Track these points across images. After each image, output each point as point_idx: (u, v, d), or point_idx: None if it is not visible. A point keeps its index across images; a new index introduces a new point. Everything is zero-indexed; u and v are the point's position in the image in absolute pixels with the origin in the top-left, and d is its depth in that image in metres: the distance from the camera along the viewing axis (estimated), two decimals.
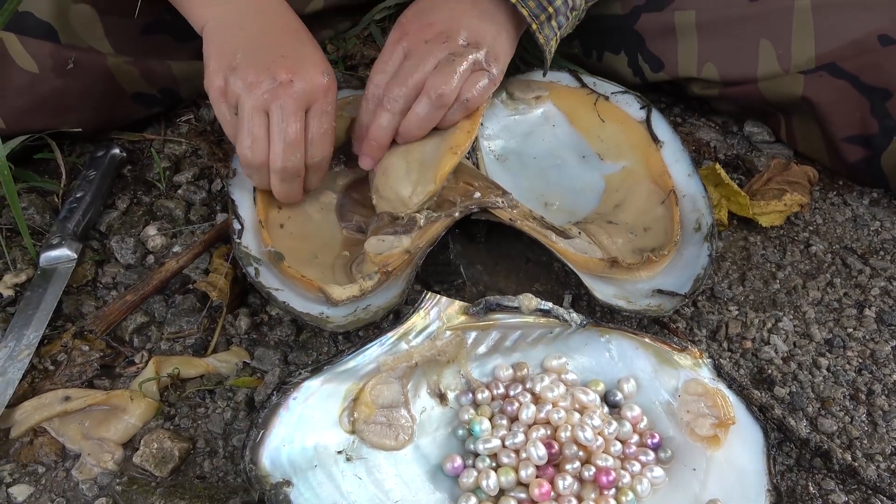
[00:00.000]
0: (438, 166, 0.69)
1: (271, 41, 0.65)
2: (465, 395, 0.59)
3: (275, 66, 0.63)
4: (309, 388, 0.54)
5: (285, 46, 0.65)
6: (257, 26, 0.66)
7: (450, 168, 0.69)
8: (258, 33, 0.66)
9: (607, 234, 0.72)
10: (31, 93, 0.72)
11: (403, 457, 0.55)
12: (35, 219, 0.74)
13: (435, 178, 0.68)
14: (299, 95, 0.63)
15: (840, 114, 0.78)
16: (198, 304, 0.68)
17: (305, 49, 0.66)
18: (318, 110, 0.65)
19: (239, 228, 0.68)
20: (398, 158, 0.70)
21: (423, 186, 0.68)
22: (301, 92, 0.63)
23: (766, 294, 0.73)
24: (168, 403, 0.62)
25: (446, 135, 0.71)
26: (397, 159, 0.70)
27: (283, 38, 0.66)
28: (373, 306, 0.63)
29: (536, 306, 0.60)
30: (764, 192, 0.79)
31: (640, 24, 0.84)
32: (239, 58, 0.63)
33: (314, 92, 0.64)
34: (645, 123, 0.80)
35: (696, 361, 0.61)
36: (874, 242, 0.79)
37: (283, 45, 0.65)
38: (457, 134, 0.70)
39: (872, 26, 0.75)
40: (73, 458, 0.58)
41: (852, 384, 0.66)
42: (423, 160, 0.70)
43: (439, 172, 0.68)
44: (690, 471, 0.56)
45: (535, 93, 0.82)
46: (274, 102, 0.62)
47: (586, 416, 0.57)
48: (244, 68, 0.63)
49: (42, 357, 0.64)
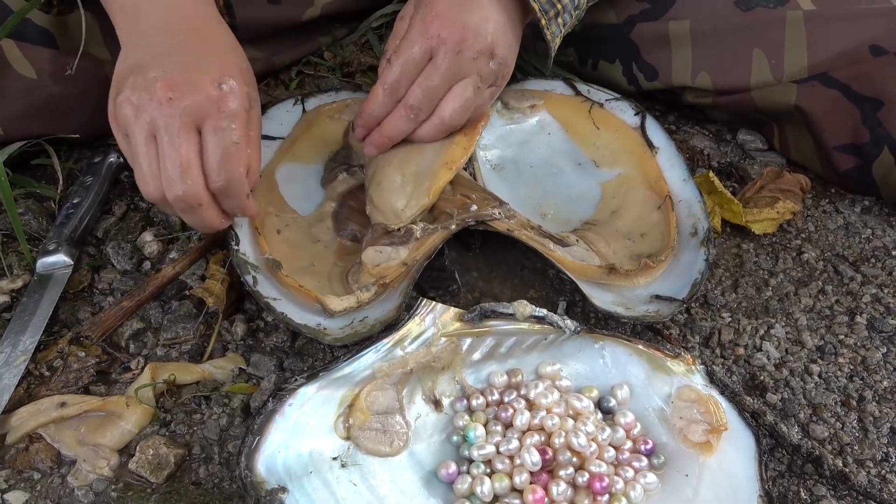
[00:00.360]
0: (433, 181, 0.69)
1: (165, 55, 0.59)
2: (459, 402, 0.60)
3: (154, 84, 0.56)
4: (304, 395, 0.55)
5: (176, 61, 0.58)
6: (155, 39, 0.61)
7: (444, 183, 0.70)
8: (154, 48, 0.60)
9: (605, 241, 0.73)
10: (29, 99, 0.73)
11: (398, 463, 0.56)
12: (32, 224, 0.74)
13: (429, 192, 0.69)
14: (182, 113, 0.56)
15: (832, 123, 0.79)
16: (194, 311, 0.68)
17: (202, 60, 0.59)
18: (211, 127, 0.57)
19: (236, 236, 0.68)
20: (393, 170, 0.70)
21: (416, 200, 0.69)
22: (184, 109, 0.56)
23: (759, 301, 0.74)
24: (164, 409, 0.62)
25: (442, 148, 0.71)
26: (392, 171, 0.70)
27: (180, 48, 0.60)
28: (370, 319, 0.63)
29: (531, 313, 0.61)
30: (757, 199, 0.80)
31: (635, 33, 0.85)
32: (128, 80, 0.58)
33: (201, 106, 0.56)
34: (640, 130, 0.80)
35: (688, 368, 0.61)
36: (866, 250, 0.79)
37: (175, 60, 0.58)
38: (453, 149, 0.71)
39: (863, 37, 0.76)
40: (69, 464, 0.58)
41: (843, 391, 0.66)
42: (419, 173, 0.70)
43: (433, 187, 0.69)
44: (683, 477, 0.57)
45: (529, 102, 0.83)
46: (158, 125, 0.56)
47: (580, 422, 0.57)
48: (126, 92, 0.57)
49: (38, 363, 0.64)
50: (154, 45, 0.60)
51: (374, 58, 0.97)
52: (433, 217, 0.70)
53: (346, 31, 0.98)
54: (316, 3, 0.90)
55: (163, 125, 0.56)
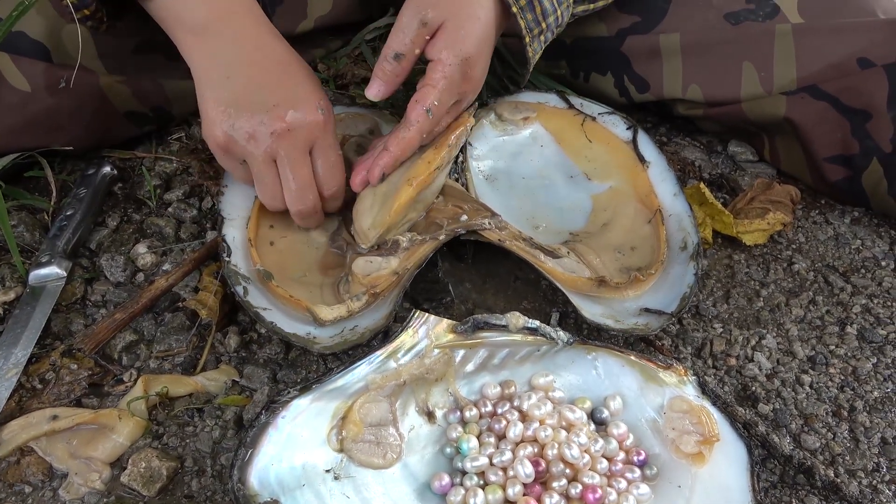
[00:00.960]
0: (395, 198, 0.68)
1: (262, 87, 0.65)
2: (453, 413, 0.60)
3: (269, 117, 0.64)
4: (297, 407, 0.55)
5: (276, 91, 0.65)
6: (245, 70, 0.66)
7: (406, 199, 0.67)
8: (247, 80, 0.66)
9: (595, 254, 0.73)
10: (23, 112, 0.73)
11: (391, 475, 0.56)
12: (25, 236, 0.74)
13: (390, 210, 0.68)
14: (299, 141, 0.65)
15: (821, 134, 0.80)
16: (187, 323, 0.68)
17: (297, 86, 0.67)
18: (322, 147, 0.67)
19: (228, 248, 0.68)
20: (368, 191, 0.70)
21: (380, 218, 0.68)
22: (300, 137, 0.65)
23: (750, 312, 0.74)
24: (156, 422, 0.62)
25: (409, 165, 0.70)
26: (367, 192, 0.70)
27: (272, 79, 0.66)
28: (360, 327, 0.64)
29: (524, 324, 0.61)
30: (748, 210, 0.80)
31: (626, 46, 0.86)
32: (233, 113, 0.65)
33: (312, 132, 0.66)
34: (631, 144, 0.81)
35: (680, 379, 0.61)
36: (856, 261, 0.80)
37: (274, 89, 0.66)
38: (417, 165, 0.69)
39: (851, 50, 0.77)
40: (61, 477, 0.58)
41: (835, 401, 0.67)
42: (387, 192, 0.69)
43: (395, 205, 0.67)
44: (676, 488, 0.57)
45: (523, 114, 0.84)
46: (277, 153, 0.65)
47: (573, 433, 0.57)
48: (241, 124, 0.64)
49: (30, 376, 0.64)
50: (249, 76, 0.66)
51: (368, 70, 0.97)
52: (424, 227, 0.70)
53: (340, 43, 0.99)
54: (310, 16, 0.90)
55: (283, 154, 0.65)
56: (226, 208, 0.72)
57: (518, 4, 0.70)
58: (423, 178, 0.68)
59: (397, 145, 0.68)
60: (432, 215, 0.71)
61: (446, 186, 0.74)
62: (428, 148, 0.71)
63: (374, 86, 0.68)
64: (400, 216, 0.69)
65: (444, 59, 0.66)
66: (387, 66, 0.67)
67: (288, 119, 0.64)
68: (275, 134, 0.64)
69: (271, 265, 0.68)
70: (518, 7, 0.70)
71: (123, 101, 0.78)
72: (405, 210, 0.69)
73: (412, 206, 0.69)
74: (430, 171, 0.68)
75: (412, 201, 0.69)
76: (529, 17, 0.71)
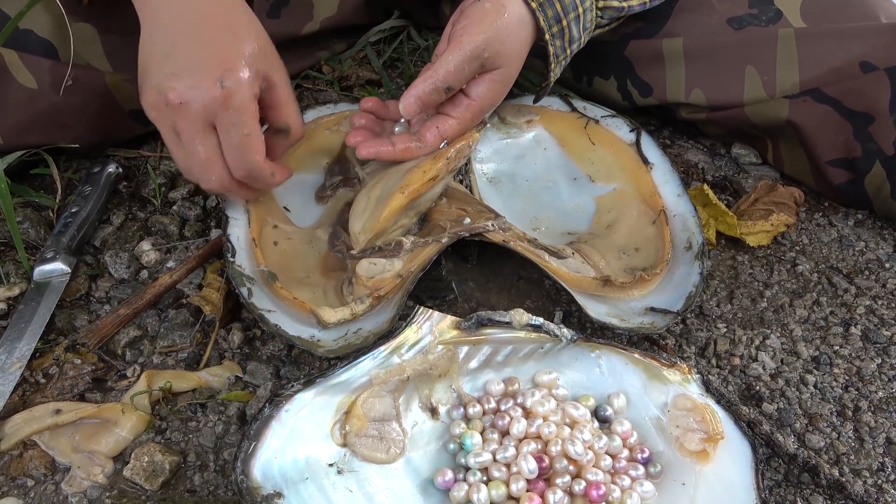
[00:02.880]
0: (386, 204, 0.68)
1: (174, 48, 0.60)
2: (456, 410, 0.60)
3: (165, 86, 0.59)
4: (301, 401, 0.55)
5: (186, 54, 0.60)
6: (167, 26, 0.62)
7: (397, 206, 0.67)
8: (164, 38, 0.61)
9: (599, 254, 0.73)
10: (30, 109, 0.73)
11: (394, 470, 0.55)
12: (30, 233, 0.74)
13: (379, 216, 0.67)
14: (193, 118, 0.60)
15: (824, 137, 0.80)
16: (191, 319, 0.68)
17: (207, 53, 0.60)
18: (223, 125, 0.60)
19: (232, 248, 0.68)
20: (363, 194, 0.70)
21: (370, 223, 0.68)
22: (192, 112, 0.59)
23: (754, 312, 0.74)
24: (159, 417, 0.62)
25: (405, 173, 0.69)
26: (363, 194, 0.70)
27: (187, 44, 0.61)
28: (364, 330, 0.63)
29: (528, 321, 0.61)
30: (751, 212, 0.81)
31: (630, 50, 0.87)
32: (143, 74, 0.61)
33: (208, 108, 0.59)
34: (635, 146, 0.81)
35: (685, 377, 0.61)
36: (859, 262, 0.80)
37: (185, 51, 0.60)
38: (413, 173, 0.68)
39: (854, 54, 0.77)
40: (63, 471, 0.58)
41: (839, 401, 0.67)
42: (381, 197, 0.69)
43: (385, 211, 0.67)
44: (680, 485, 0.57)
45: (526, 117, 0.84)
46: (178, 127, 0.61)
47: (577, 430, 0.57)
48: (146, 94, 0.61)
49: (34, 370, 0.64)
50: (166, 38, 0.62)
51: (372, 72, 0.98)
52: (427, 230, 0.70)
53: (345, 45, 1.00)
54: (315, 18, 0.91)
55: (181, 129, 0.61)
56: (230, 208, 0.72)
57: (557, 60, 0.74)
58: (417, 187, 0.68)
59: (403, 152, 0.70)
60: (436, 218, 0.71)
61: (450, 189, 0.74)
62: (428, 157, 0.71)
63: (413, 105, 0.66)
64: (390, 223, 0.68)
65: (481, 102, 0.69)
66: (435, 96, 0.66)
67: (179, 90, 0.59)
68: (169, 106, 0.59)
69: (275, 265, 0.68)
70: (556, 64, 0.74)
71: (129, 99, 0.78)
72: (395, 217, 0.68)
73: (404, 213, 0.69)
74: (424, 181, 0.68)
75: (403, 209, 0.68)
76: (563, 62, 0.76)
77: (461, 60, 0.65)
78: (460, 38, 0.66)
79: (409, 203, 0.68)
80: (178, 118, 0.60)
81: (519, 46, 0.70)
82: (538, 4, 0.69)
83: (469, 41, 0.65)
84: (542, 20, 0.70)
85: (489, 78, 0.69)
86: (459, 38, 0.66)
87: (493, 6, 0.67)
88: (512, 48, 0.68)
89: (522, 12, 0.69)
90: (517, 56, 0.70)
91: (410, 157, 0.70)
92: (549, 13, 0.70)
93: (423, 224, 0.72)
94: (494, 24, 0.66)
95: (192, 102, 0.59)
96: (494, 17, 0.67)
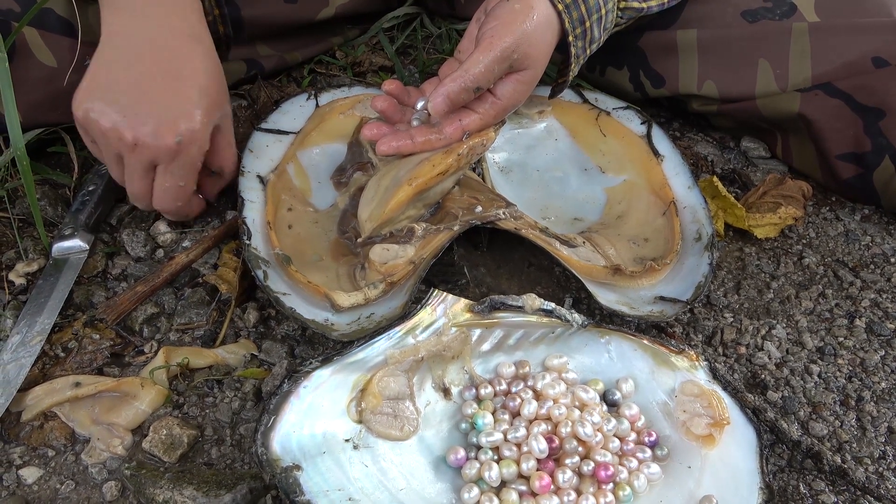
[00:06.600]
0: (393, 194, 0.68)
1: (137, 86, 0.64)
2: (468, 391, 0.61)
3: (123, 125, 0.63)
4: (319, 377, 0.56)
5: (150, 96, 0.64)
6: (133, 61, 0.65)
7: (404, 197, 0.67)
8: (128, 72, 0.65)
9: (609, 244, 0.74)
10: (49, 87, 0.74)
11: (408, 447, 0.57)
12: (47, 210, 0.75)
13: (385, 206, 0.67)
14: (143, 161, 0.65)
15: (834, 131, 0.81)
16: (207, 297, 0.69)
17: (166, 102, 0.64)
18: (163, 170, 0.66)
19: (248, 230, 0.69)
20: (374, 181, 0.71)
21: (377, 211, 0.68)
22: (143, 155, 0.64)
23: (761, 303, 0.75)
24: (177, 392, 0.63)
25: (415, 164, 0.69)
26: (373, 182, 0.71)
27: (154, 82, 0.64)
28: (376, 315, 0.64)
29: (540, 306, 0.62)
30: (759, 205, 0.81)
31: (644, 41, 0.87)
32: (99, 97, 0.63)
33: (158, 156, 0.65)
34: (646, 138, 0.82)
35: (692, 364, 0.63)
36: (865, 256, 0.81)
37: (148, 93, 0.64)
38: (422, 166, 0.68)
39: (867, 49, 0.78)
40: (83, 442, 0.59)
41: (843, 390, 0.68)
42: (389, 186, 0.69)
43: (391, 201, 0.67)
44: (686, 468, 0.58)
45: (538, 108, 0.85)
46: (125, 160, 0.66)
47: (586, 412, 0.58)
48: (99, 115, 0.63)
49: (53, 344, 0.65)
50: (126, 72, 0.65)
51: (385, 58, 0.98)
52: (440, 217, 0.71)
53: (358, 31, 1.00)
54: (331, 4, 0.91)
55: (126, 162, 0.66)
56: (246, 190, 0.73)
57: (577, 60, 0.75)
58: (425, 180, 0.67)
59: (423, 145, 0.70)
60: (448, 205, 0.71)
61: (463, 177, 0.75)
62: (439, 150, 0.71)
63: (442, 105, 0.66)
64: (396, 213, 0.68)
65: (505, 101, 0.70)
66: (464, 95, 0.67)
67: (136, 135, 0.63)
68: (122, 143, 0.64)
69: (289, 249, 0.69)
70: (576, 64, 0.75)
71: None
72: (402, 208, 0.68)
73: (412, 205, 0.69)
74: (432, 175, 0.68)
75: (410, 200, 0.68)
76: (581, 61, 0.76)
77: (491, 61, 0.66)
78: (491, 40, 0.66)
79: (415, 195, 0.68)
80: (127, 153, 0.65)
81: (545, 48, 0.70)
82: (564, 6, 0.70)
83: (499, 42, 0.66)
84: (567, 22, 0.71)
85: (515, 78, 0.69)
86: (490, 40, 0.66)
87: (522, 7, 0.68)
88: (539, 50, 0.69)
89: (550, 14, 0.69)
90: (543, 57, 0.70)
91: (430, 149, 0.70)
92: (574, 15, 0.71)
93: (435, 211, 0.73)
94: (524, 26, 0.67)
95: (146, 148, 0.64)
96: (524, 19, 0.67)
